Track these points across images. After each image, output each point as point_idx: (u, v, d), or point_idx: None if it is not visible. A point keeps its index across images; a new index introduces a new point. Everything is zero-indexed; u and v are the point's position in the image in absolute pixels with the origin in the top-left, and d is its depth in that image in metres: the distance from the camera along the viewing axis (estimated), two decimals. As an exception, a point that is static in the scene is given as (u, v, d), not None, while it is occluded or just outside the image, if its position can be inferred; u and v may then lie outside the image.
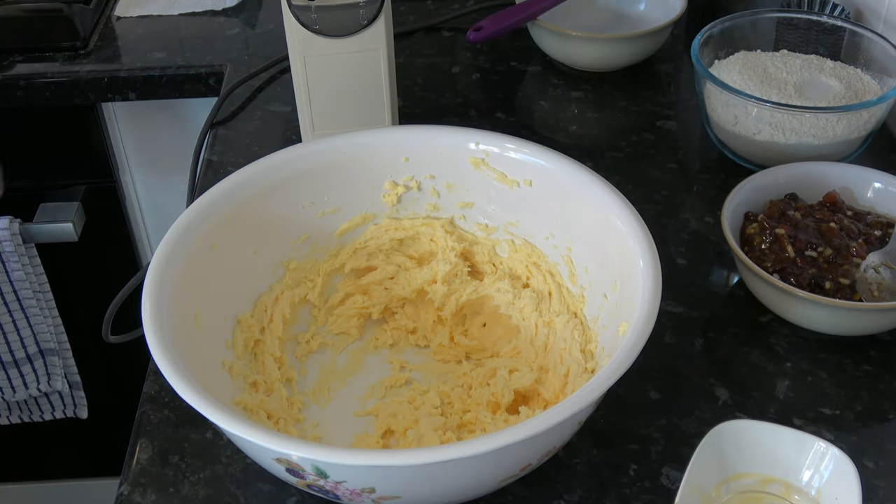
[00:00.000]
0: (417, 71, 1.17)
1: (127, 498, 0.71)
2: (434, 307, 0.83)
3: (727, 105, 0.96)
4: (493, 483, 0.65)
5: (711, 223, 0.93)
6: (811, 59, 1.03)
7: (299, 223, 0.82)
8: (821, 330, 0.81)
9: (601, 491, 0.71)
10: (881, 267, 0.81)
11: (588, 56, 1.13)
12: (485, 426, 0.73)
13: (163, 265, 0.70)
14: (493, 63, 1.19)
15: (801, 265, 0.81)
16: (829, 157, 0.94)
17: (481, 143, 0.82)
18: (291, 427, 0.73)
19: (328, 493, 0.63)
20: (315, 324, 0.83)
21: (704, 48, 1.00)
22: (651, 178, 1.00)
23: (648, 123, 1.08)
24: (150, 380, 0.80)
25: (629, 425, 0.75)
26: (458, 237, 0.85)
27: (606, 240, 0.75)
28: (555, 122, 1.09)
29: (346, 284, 0.85)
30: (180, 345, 0.66)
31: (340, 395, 0.79)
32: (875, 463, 0.72)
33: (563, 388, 0.74)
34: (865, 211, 0.87)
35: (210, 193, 0.77)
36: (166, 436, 0.75)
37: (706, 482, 0.66)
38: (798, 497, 0.66)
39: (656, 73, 1.16)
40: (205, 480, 0.72)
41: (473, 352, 0.82)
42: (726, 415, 0.75)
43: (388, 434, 0.75)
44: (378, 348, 0.83)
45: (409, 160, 0.83)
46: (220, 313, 0.76)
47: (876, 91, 0.98)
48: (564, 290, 0.81)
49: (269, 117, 1.10)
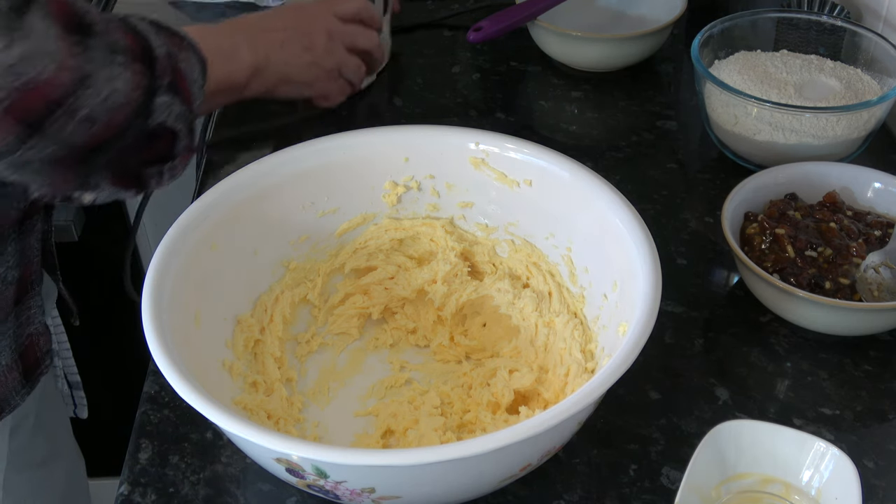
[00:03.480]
0: (417, 71, 1.17)
1: (127, 498, 0.71)
2: (434, 307, 0.83)
3: (727, 105, 0.96)
4: (493, 483, 0.65)
5: (711, 223, 0.93)
6: (811, 59, 1.03)
7: (299, 223, 0.82)
8: (821, 330, 0.81)
9: (601, 491, 0.71)
10: (881, 267, 0.81)
11: (588, 56, 1.13)
12: (485, 426, 0.73)
13: (163, 265, 0.70)
14: (493, 63, 1.19)
15: (801, 265, 0.81)
16: (829, 157, 0.94)
17: (481, 143, 0.82)
18: (291, 427, 0.73)
19: (328, 493, 0.63)
20: (315, 324, 0.83)
21: (704, 48, 1.00)
22: (651, 178, 1.00)
23: (648, 123, 1.08)
24: (150, 380, 0.80)
25: (629, 425, 0.75)
26: (458, 237, 0.85)
27: (606, 240, 0.75)
28: (555, 122, 1.09)
29: (346, 284, 0.85)
30: (180, 345, 0.66)
31: (340, 395, 0.79)
32: (875, 463, 0.72)
33: (563, 388, 0.74)
34: (865, 211, 0.87)
35: (210, 193, 0.76)
36: (166, 436, 0.75)
37: (706, 482, 0.66)
38: (798, 497, 0.66)
39: (656, 73, 1.16)
40: (205, 480, 0.72)
41: (473, 352, 0.82)
42: (726, 415, 0.75)
43: (388, 434, 0.75)
44: (378, 348, 0.83)
45: (409, 160, 0.83)
46: (220, 313, 0.76)
47: (876, 91, 0.98)
48: (564, 290, 0.81)
49: (270, 117, 1.10)
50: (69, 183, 0.66)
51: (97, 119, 0.62)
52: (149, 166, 0.70)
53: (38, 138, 0.60)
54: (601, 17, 1.22)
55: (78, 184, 0.66)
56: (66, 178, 0.65)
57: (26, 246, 0.80)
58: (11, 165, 0.62)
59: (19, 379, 0.82)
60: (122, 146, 0.66)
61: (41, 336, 0.84)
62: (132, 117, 0.65)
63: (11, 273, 0.78)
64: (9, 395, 0.81)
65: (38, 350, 0.84)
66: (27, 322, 0.82)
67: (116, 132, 0.65)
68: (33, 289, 0.82)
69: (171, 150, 0.71)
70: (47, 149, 0.62)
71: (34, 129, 0.60)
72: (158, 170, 0.70)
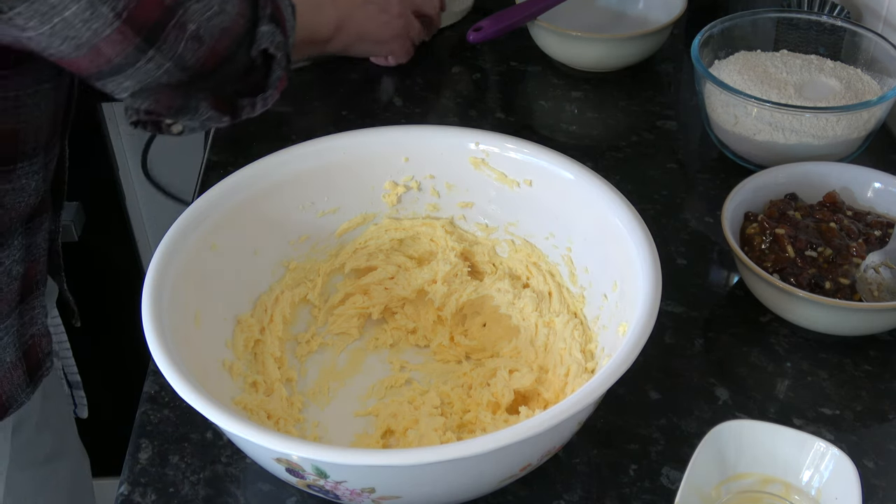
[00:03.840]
0: (417, 71, 1.17)
1: (127, 498, 0.71)
2: (434, 307, 0.83)
3: (727, 105, 0.96)
4: (493, 483, 0.65)
5: (711, 223, 0.93)
6: (811, 59, 1.02)
7: (299, 223, 0.82)
8: (821, 330, 0.81)
9: (601, 491, 0.71)
10: (881, 267, 0.81)
11: (588, 56, 1.13)
12: (485, 426, 0.73)
13: (163, 265, 0.70)
14: (493, 63, 1.19)
15: (801, 265, 0.81)
16: (829, 157, 0.94)
17: (481, 143, 0.82)
18: (291, 427, 0.73)
19: (328, 493, 0.63)
20: (315, 324, 0.83)
21: (704, 48, 1.00)
22: (651, 178, 1.00)
23: (648, 123, 1.08)
24: (150, 380, 0.80)
25: (629, 425, 0.75)
26: (458, 237, 0.85)
27: (606, 240, 0.75)
28: (555, 122, 1.09)
29: (346, 284, 0.85)
30: (180, 345, 0.66)
31: (340, 395, 0.79)
32: (875, 463, 0.72)
33: (563, 388, 0.74)
34: (865, 211, 0.87)
35: (210, 193, 0.77)
36: (166, 436, 0.75)
37: (706, 482, 0.66)
38: (798, 497, 0.66)
39: (656, 73, 1.16)
40: (205, 480, 0.72)
41: (473, 352, 0.82)
42: (726, 415, 0.75)
43: (388, 434, 0.75)
44: (378, 348, 0.83)
45: (409, 160, 0.83)
46: (220, 313, 0.76)
47: (876, 91, 0.98)
48: (564, 290, 0.81)
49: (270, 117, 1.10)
50: (173, 103, 0.70)
51: (204, 39, 0.67)
52: (243, 96, 0.74)
53: (154, 51, 0.65)
54: (601, 17, 1.22)
55: (180, 105, 0.70)
56: (172, 97, 0.69)
57: (33, 243, 0.80)
58: (129, 79, 0.66)
59: (24, 377, 0.82)
60: (225, 74, 0.70)
61: (43, 338, 0.85)
62: (235, 46, 0.69)
63: (17, 268, 0.78)
64: (14, 392, 0.82)
65: (40, 351, 0.84)
66: (31, 322, 0.82)
67: (222, 59, 0.69)
68: (38, 289, 0.83)
69: (265, 80, 0.74)
70: (162, 66, 0.66)
71: (150, 41, 0.64)
72: (251, 101, 0.74)
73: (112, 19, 0.62)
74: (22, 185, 0.75)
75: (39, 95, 0.72)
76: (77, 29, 0.62)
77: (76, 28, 0.62)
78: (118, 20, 0.62)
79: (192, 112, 0.71)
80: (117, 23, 0.62)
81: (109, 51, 0.64)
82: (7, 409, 0.82)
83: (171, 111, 0.70)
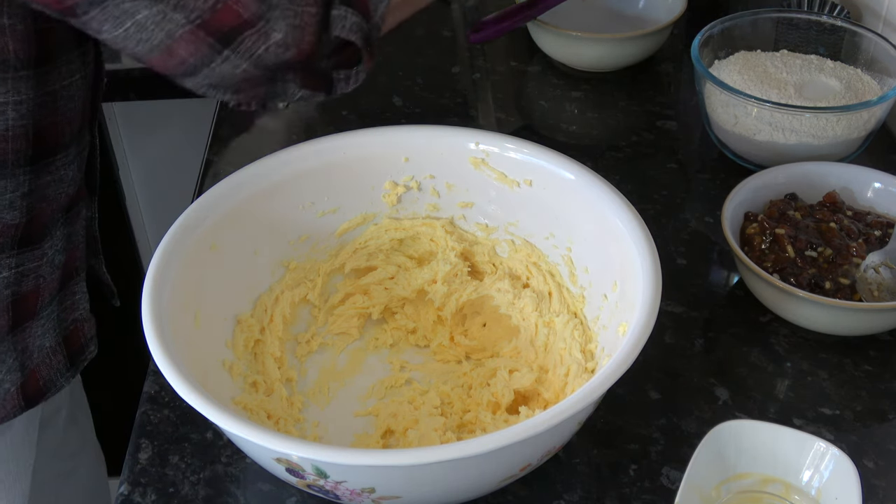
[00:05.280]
0: (417, 71, 1.17)
1: (127, 498, 0.71)
2: (434, 307, 0.83)
3: (727, 105, 0.96)
4: (493, 483, 0.65)
5: (711, 223, 0.93)
6: (811, 59, 1.03)
7: (299, 223, 0.82)
8: (821, 330, 0.81)
9: (601, 491, 0.71)
10: (881, 267, 0.81)
11: (588, 56, 1.13)
12: (485, 426, 0.73)
13: (163, 265, 0.70)
14: (493, 63, 1.19)
15: (801, 265, 0.81)
16: (829, 157, 0.94)
17: (481, 143, 0.82)
18: (291, 427, 0.73)
19: (328, 493, 0.63)
20: (315, 324, 0.83)
21: (704, 48, 1.01)
22: (651, 178, 1.00)
23: (648, 123, 1.08)
24: (150, 380, 0.80)
25: (629, 425, 0.75)
26: (458, 237, 0.85)
27: (606, 240, 0.75)
28: (555, 122, 1.09)
29: (346, 284, 0.85)
30: (180, 345, 0.66)
31: (340, 395, 0.79)
32: (875, 463, 0.72)
33: (563, 388, 0.74)
34: (865, 211, 0.87)
35: (210, 193, 0.77)
36: (166, 436, 0.75)
37: (706, 482, 0.66)
38: (798, 497, 0.66)
39: (656, 73, 1.16)
40: (205, 480, 0.72)
41: (473, 352, 0.82)
42: (726, 415, 0.75)
43: (388, 434, 0.75)
44: (378, 348, 0.83)
45: (409, 160, 0.83)
46: (220, 313, 0.76)
47: (876, 91, 0.98)
48: (564, 290, 0.81)
49: (270, 117, 1.10)
50: (259, 97, 0.69)
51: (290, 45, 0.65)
52: (337, 70, 0.72)
53: (230, 52, 0.64)
54: (601, 17, 1.22)
55: (265, 93, 0.69)
56: (255, 92, 0.69)
57: (73, 231, 0.81)
58: (206, 78, 0.65)
59: (64, 362, 0.83)
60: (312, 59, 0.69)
61: (86, 322, 0.86)
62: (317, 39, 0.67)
63: (59, 257, 0.79)
64: (54, 376, 0.82)
65: (82, 336, 0.85)
66: (72, 307, 0.83)
67: (306, 56, 0.67)
68: (78, 274, 0.84)
69: (357, 56, 0.73)
70: (239, 66, 0.65)
71: (225, 44, 0.63)
72: (346, 74, 0.72)
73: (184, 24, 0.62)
74: (61, 176, 0.76)
75: (73, 87, 0.73)
76: (150, 31, 0.62)
77: (149, 31, 0.62)
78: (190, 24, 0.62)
79: (280, 96, 0.70)
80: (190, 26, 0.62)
81: (183, 52, 0.64)
82: (45, 394, 0.82)
83: (256, 101, 0.69)
